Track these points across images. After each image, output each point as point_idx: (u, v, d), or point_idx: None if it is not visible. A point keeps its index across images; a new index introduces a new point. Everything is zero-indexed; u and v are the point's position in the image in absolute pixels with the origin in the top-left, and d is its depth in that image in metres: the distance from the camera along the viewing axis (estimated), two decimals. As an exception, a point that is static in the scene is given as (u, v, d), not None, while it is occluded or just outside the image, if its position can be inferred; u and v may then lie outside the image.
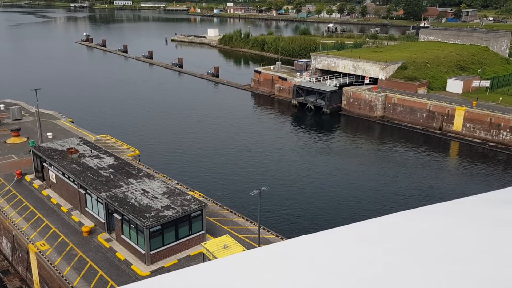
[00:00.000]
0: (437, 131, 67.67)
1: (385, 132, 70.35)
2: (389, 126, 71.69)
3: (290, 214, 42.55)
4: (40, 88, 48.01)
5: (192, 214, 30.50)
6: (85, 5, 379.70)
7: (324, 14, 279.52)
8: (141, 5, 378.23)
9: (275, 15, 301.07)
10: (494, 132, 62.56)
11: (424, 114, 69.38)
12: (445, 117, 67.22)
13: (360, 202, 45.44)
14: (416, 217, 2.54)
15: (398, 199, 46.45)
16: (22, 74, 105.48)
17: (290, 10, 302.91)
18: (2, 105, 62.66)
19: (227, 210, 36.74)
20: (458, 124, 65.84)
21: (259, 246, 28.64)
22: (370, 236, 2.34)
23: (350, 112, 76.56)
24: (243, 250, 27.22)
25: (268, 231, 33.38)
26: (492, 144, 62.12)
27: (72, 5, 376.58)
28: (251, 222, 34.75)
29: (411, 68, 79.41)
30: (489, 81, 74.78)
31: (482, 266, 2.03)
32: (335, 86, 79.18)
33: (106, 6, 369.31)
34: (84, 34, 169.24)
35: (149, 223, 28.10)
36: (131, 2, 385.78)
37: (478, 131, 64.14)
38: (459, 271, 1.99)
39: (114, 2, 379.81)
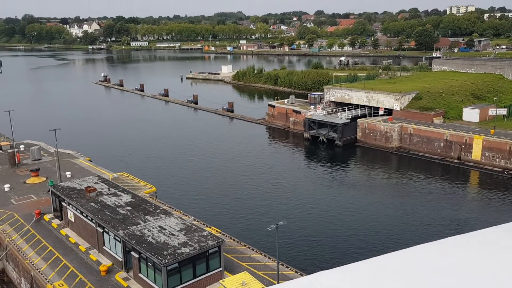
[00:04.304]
0: (456, 161, 66.70)
1: (402, 163, 69.62)
2: (406, 156, 71.01)
3: (309, 249, 41.81)
4: (59, 129, 49.02)
5: (210, 251, 30.21)
6: (102, 47, 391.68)
7: (336, 48, 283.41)
8: (156, 45, 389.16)
9: (287, 50, 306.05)
10: (514, 160, 61.42)
11: (442, 144, 68.65)
12: (463, 146, 66.40)
13: (380, 235, 44.51)
14: (438, 250, 2.48)
15: (419, 231, 45.41)
16: (42, 115, 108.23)
17: (302, 45, 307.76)
18: (22, 146, 64.05)
19: (245, 245, 36.31)
20: (476, 153, 64.89)
21: (278, 282, 28.06)
22: (392, 270, 2.29)
23: (366, 143, 76.19)
24: None
25: (287, 267, 32.79)
26: (513, 172, 60.91)
27: (90, 47, 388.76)
28: (269, 258, 34.23)
29: (425, 98, 79.22)
30: (505, 109, 74.06)
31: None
32: (347, 118, 79.14)
33: (123, 47, 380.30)
34: (102, 74, 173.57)
35: (166, 260, 27.89)
36: (147, 43, 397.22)
37: (497, 159, 63.06)
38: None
39: (131, 43, 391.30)
